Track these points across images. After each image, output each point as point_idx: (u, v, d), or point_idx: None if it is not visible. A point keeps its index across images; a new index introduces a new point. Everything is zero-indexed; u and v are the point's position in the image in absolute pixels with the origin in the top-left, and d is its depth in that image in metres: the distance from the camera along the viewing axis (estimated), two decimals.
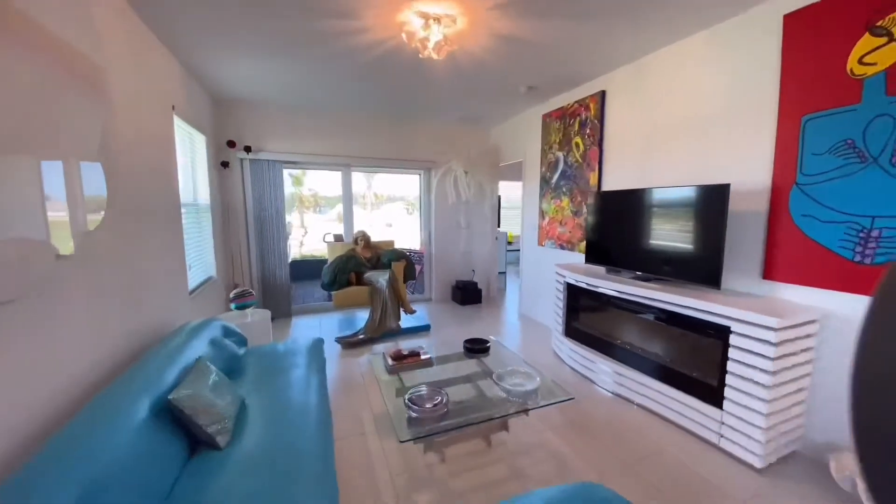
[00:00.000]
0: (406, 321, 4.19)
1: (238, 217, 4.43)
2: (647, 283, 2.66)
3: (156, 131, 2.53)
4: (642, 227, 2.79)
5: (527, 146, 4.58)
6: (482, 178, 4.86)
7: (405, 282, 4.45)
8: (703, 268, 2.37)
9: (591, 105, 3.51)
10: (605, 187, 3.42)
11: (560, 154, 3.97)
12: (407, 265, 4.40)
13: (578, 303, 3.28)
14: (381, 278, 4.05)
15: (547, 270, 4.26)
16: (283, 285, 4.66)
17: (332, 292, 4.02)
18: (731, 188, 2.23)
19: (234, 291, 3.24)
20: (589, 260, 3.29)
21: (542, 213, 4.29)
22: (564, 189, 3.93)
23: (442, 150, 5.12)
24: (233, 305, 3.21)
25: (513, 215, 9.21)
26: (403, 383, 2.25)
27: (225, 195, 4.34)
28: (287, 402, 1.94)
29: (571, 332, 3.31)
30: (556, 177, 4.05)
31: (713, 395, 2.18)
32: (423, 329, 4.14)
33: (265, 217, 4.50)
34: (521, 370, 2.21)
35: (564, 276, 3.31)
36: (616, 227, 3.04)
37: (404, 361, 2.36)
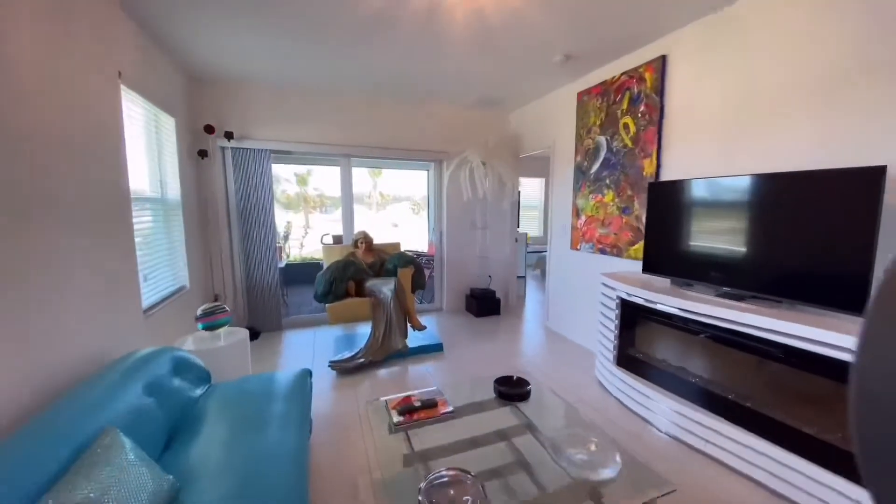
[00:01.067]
0: (414, 338, 3.52)
1: (219, 215, 3.79)
2: (741, 302, 1.97)
3: (89, 101, 1.89)
4: (733, 227, 2.09)
5: (556, 132, 3.89)
6: (502, 170, 4.18)
7: (413, 291, 3.78)
8: (835, 284, 1.68)
9: (647, 75, 2.82)
10: (666, 176, 2.73)
11: (602, 139, 3.27)
12: (416, 272, 3.74)
13: (635, 324, 2.58)
14: (384, 288, 3.39)
15: (583, 279, 3.56)
16: (271, 294, 4.01)
17: (327, 305, 3.36)
18: (888, 172, 1.54)
19: (202, 308, 2.60)
20: (648, 269, 2.60)
21: (578, 211, 3.60)
22: (608, 181, 3.23)
23: (455, 139, 4.45)
24: (199, 326, 2.57)
25: (530, 216, 8.52)
26: (412, 447, 1.59)
27: (203, 189, 3.70)
28: (247, 482, 1.29)
29: (625, 360, 2.61)
30: (595, 166, 3.36)
31: (842, 461, 1.50)
32: (434, 349, 3.47)
33: (251, 215, 3.85)
34: (586, 435, 1.53)
35: (616, 290, 2.62)
36: (689, 228, 2.35)
37: (416, 416, 1.69)
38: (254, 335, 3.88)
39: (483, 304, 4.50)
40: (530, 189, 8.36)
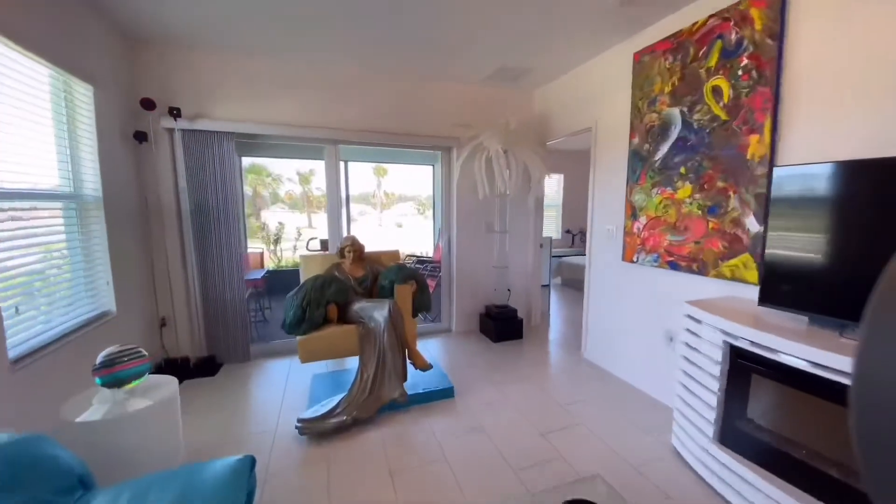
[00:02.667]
0: (415, 380, 2.66)
1: (164, 217, 2.96)
2: None
3: None
4: None
5: (600, 108, 3.01)
6: (526, 159, 3.30)
7: (416, 315, 2.92)
8: None
9: (754, 12, 1.93)
10: (786, 159, 1.84)
11: (674, 111, 2.39)
12: (418, 289, 2.88)
13: (750, 383, 1.70)
14: (376, 313, 2.54)
15: (641, 302, 2.68)
16: (237, 316, 3.17)
17: (299, 338, 2.51)
18: None
19: (102, 356, 1.75)
20: (770, 299, 1.71)
21: (634, 211, 2.71)
22: (683, 169, 2.35)
23: (468, 121, 3.58)
24: (97, 380, 1.73)
25: (546, 215, 7.62)
26: None
27: (143, 184, 2.87)
28: None
29: (732, 435, 1.73)
30: (663, 150, 2.47)
31: None
32: (442, 395, 2.61)
33: (209, 216, 3.01)
34: None
35: (720, 331, 1.74)
36: (855, 241, 1.46)
37: None
38: (213, 369, 3.05)
39: (502, 326, 3.63)
40: (546, 187, 7.46)
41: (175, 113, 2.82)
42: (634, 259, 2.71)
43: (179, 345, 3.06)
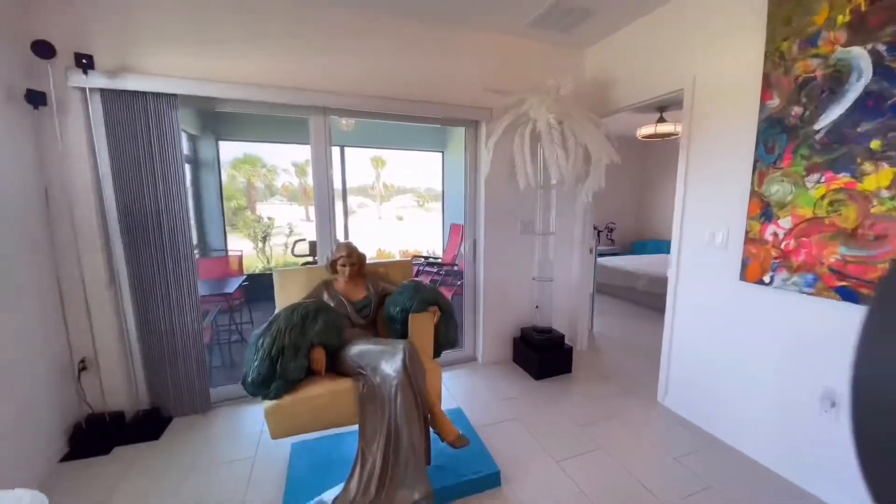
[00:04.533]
0: (441, 460, 1.81)
1: (80, 216, 2.07)
2: None
3: None
4: None
5: (699, 60, 2.11)
6: (587, 137, 2.40)
7: (439, 354, 2.06)
8: None
9: None
10: None
11: (855, 53, 1.49)
12: (441, 318, 2.02)
13: None
14: (385, 363, 1.68)
15: (775, 341, 1.81)
16: (190, 350, 2.30)
17: (267, 403, 1.63)
18: None
19: None
20: None
21: (767, 209, 1.82)
22: (879, 142, 1.46)
23: (502, 86, 2.67)
24: None
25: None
26: None
27: (43, 167, 1.97)
28: None
29: None
30: (833, 114, 1.58)
31: None
32: (483, 485, 1.75)
33: (145, 214, 2.13)
34: None
35: None
36: None
37: None
38: (157, 427, 2.19)
39: (547, 358, 2.76)
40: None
41: (85, 63, 1.91)
42: (766, 279, 1.83)
43: (108, 395, 2.20)
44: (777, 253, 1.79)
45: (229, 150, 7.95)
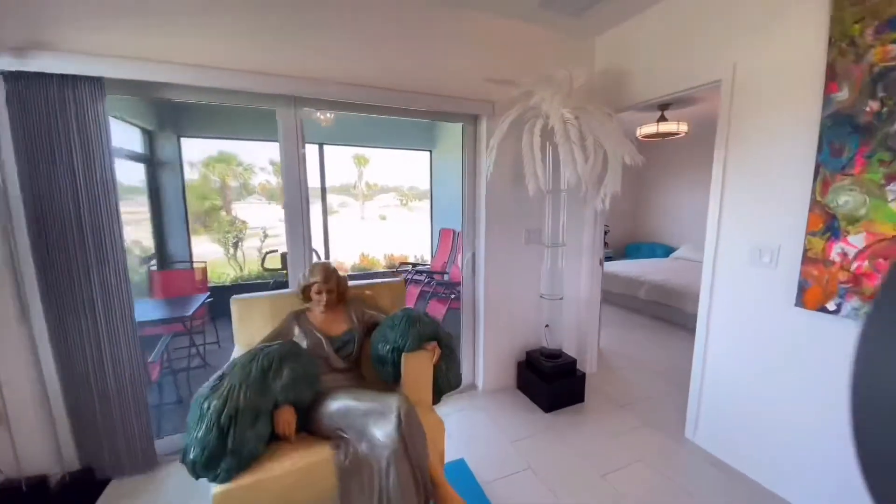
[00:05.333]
0: None
1: None
2: None
3: None
4: None
5: (741, 47, 1.80)
6: (605, 133, 2.06)
7: (439, 399, 1.70)
8: None
9: None
10: None
11: None
12: (442, 355, 1.65)
13: None
14: (374, 426, 1.30)
15: (840, 380, 1.51)
16: (128, 397, 1.86)
17: (216, 487, 1.24)
18: None
19: None
20: None
21: (833, 222, 1.53)
22: None
23: (503, 76, 2.32)
24: None
25: None
26: None
27: None
28: None
29: None
30: None
31: None
32: None
33: (65, 226, 1.68)
34: None
35: None
36: None
37: None
38: (91, 493, 1.75)
39: (558, 388, 2.43)
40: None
41: None
42: (831, 307, 1.54)
43: (24, 457, 1.75)
44: (846, 276, 1.49)
45: (203, 148, 7.35)
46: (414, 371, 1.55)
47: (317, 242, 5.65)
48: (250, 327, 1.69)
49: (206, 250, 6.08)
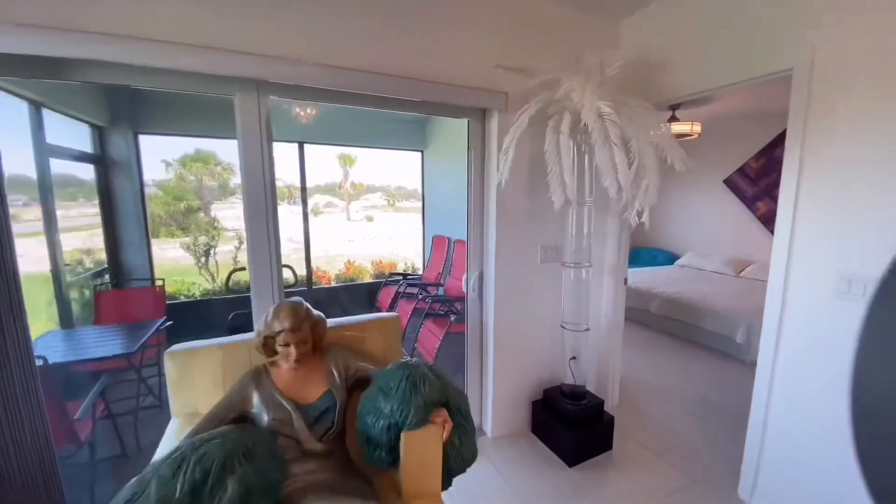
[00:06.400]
0: None
1: None
2: None
3: None
4: None
5: (818, 31, 1.43)
6: (650, 132, 1.68)
7: (448, 485, 1.27)
8: None
9: None
10: None
11: None
12: (455, 427, 1.22)
13: None
14: None
15: None
16: (36, 471, 1.38)
17: None
18: None
19: None
20: None
21: None
22: None
23: (520, 62, 1.91)
24: None
25: None
26: None
27: None
28: None
29: None
30: None
31: None
32: None
33: None
34: None
35: None
36: None
37: None
38: None
39: (583, 436, 2.03)
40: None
41: None
42: None
43: None
44: None
45: (180, 146, 6.75)
46: (418, 454, 1.13)
47: (295, 251, 5.16)
48: (193, 393, 1.24)
49: (177, 254, 5.52)
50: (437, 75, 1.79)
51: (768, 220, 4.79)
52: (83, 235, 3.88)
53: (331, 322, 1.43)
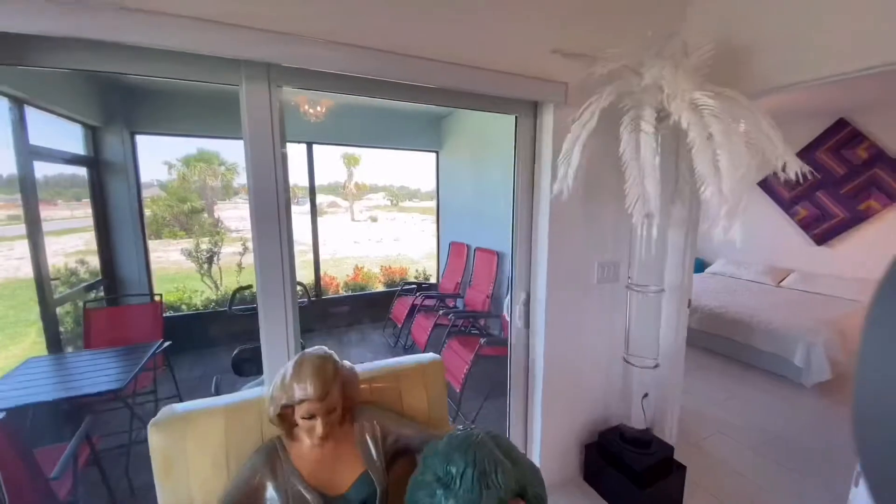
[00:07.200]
0: None
1: None
2: None
3: None
4: None
5: None
6: (758, 131, 1.36)
7: None
8: None
9: None
10: None
11: None
12: None
13: None
14: None
15: None
16: None
17: None
18: None
19: None
20: None
21: None
22: None
23: (584, 47, 1.59)
24: None
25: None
26: None
27: None
28: None
29: None
30: None
31: None
32: None
33: None
34: None
35: None
36: None
37: None
38: None
39: (651, 492, 1.70)
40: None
41: None
42: None
43: None
44: None
45: (181, 147, 6.51)
46: None
47: (301, 254, 4.86)
48: (187, 479, 0.92)
49: (180, 257, 5.24)
50: (479, 59, 1.46)
51: (809, 226, 4.44)
52: (82, 240, 3.60)
53: (357, 367, 1.12)
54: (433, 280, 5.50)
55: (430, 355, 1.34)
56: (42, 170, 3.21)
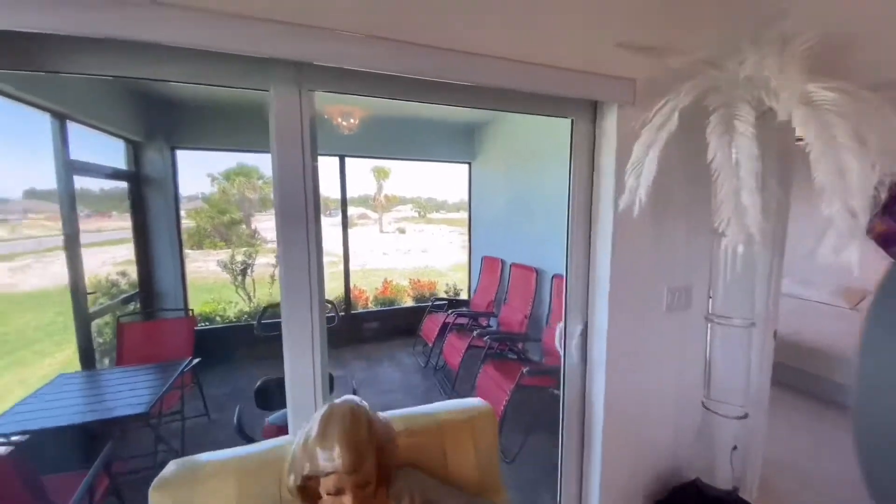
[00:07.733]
0: None
1: None
2: None
3: None
4: None
5: None
6: (880, 129, 1.11)
7: None
8: None
9: None
10: None
11: None
12: None
13: None
14: None
15: None
16: None
17: None
18: None
19: None
20: None
21: None
22: None
23: (646, 39, 1.38)
24: None
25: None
26: None
27: None
28: None
29: None
30: None
31: None
32: None
33: None
34: None
35: None
36: None
37: None
38: None
39: None
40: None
41: None
42: None
43: None
44: None
45: (223, 161, 6.75)
46: None
47: (331, 265, 4.79)
48: None
49: (217, 269, 5.32)
50: (532, 54, 1.27)
51: (887, 242, 3.91)
52: (130, 250, 3.67)
53: (387, 414, 0.93)
54: (463, 295, 5.29)
55: (477, 401, 1.13)
56: (100, 183, 3.31)
